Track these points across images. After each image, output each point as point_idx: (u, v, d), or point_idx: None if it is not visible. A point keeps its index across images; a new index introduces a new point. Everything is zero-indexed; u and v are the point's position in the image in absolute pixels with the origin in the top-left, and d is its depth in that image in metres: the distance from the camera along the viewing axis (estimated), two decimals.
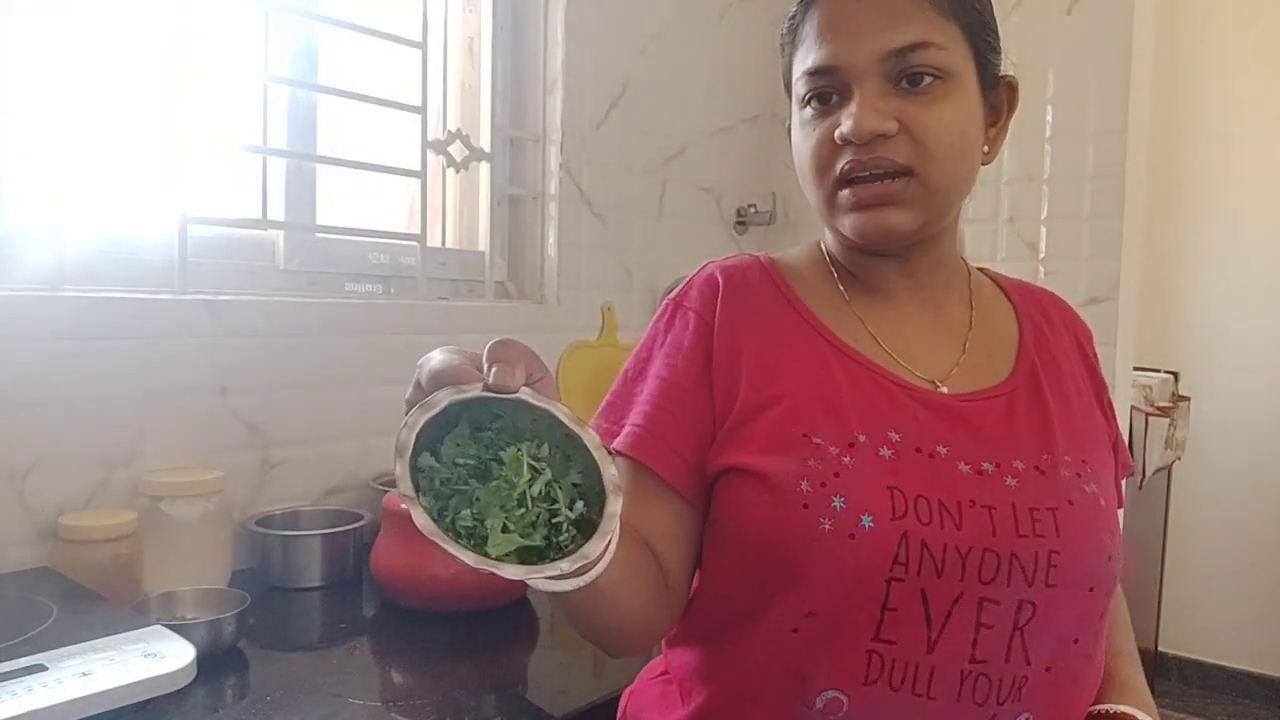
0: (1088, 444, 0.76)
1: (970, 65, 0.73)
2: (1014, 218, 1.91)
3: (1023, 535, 0.68)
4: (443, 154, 1.62)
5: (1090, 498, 0.72)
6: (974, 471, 0.70)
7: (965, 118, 0.73)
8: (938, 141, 0.70)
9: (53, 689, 0.76)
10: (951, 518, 0.67)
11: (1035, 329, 0.83)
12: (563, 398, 1.95)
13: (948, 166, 0.72)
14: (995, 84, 0.76)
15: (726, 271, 0.81)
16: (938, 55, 0.70)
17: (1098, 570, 0.71)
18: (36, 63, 1.15)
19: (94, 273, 1.21)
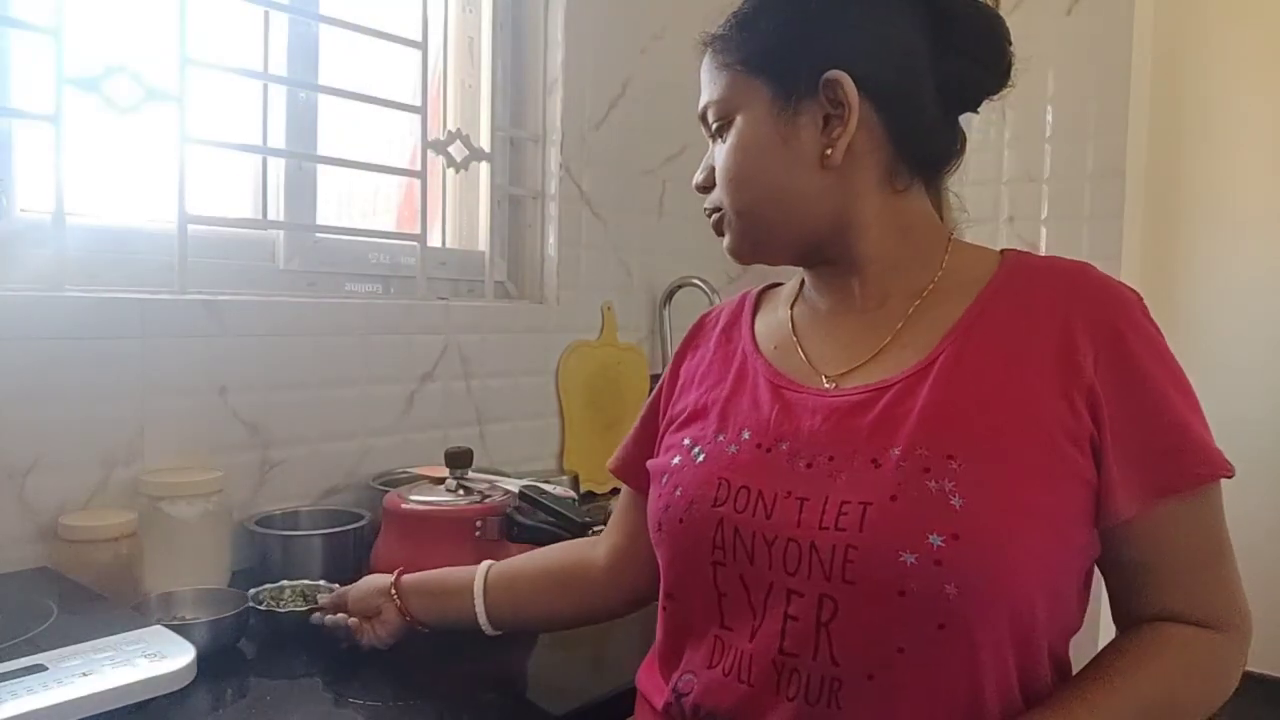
0: (968, 437, 0.68)
1: (760, 93, 0.77)
2: (1014, 217, 1.91)
3: (824, 527, 0.68)
4: (443, 154, 1.62)
5: (931, 495, 0.65)
6: (805, 465, 0.72)
7: (747, 147, 0.78)
8: (723, 176, 0.81)
9: (53, 689, 0.76)
10: (765, 507, 0.72)
11: (984, 315, 0.74)
12: (562, 398, 1.95)
13: (738, 195, 0.80)
14: (809, 93, 0.75)
15: (708, 312, 0.96)
16: (718, 108, 0.81)
17: (912, 574, 0.64)
18: (37, 62, 1.15)
19: (94, 273, 1.21)
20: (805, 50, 0.76)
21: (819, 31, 0.76)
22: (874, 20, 0.76)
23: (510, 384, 1.67)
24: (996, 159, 1.93)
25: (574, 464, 1.76)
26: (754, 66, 0.77)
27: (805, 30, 0.76)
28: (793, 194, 0.78)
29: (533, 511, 1.18)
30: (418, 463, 1.42)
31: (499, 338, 1.64)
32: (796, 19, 0.77)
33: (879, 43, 0.76)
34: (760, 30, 0.78)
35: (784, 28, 0.77)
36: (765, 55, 0.77)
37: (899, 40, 0.76)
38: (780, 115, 0.76)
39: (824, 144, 0.75)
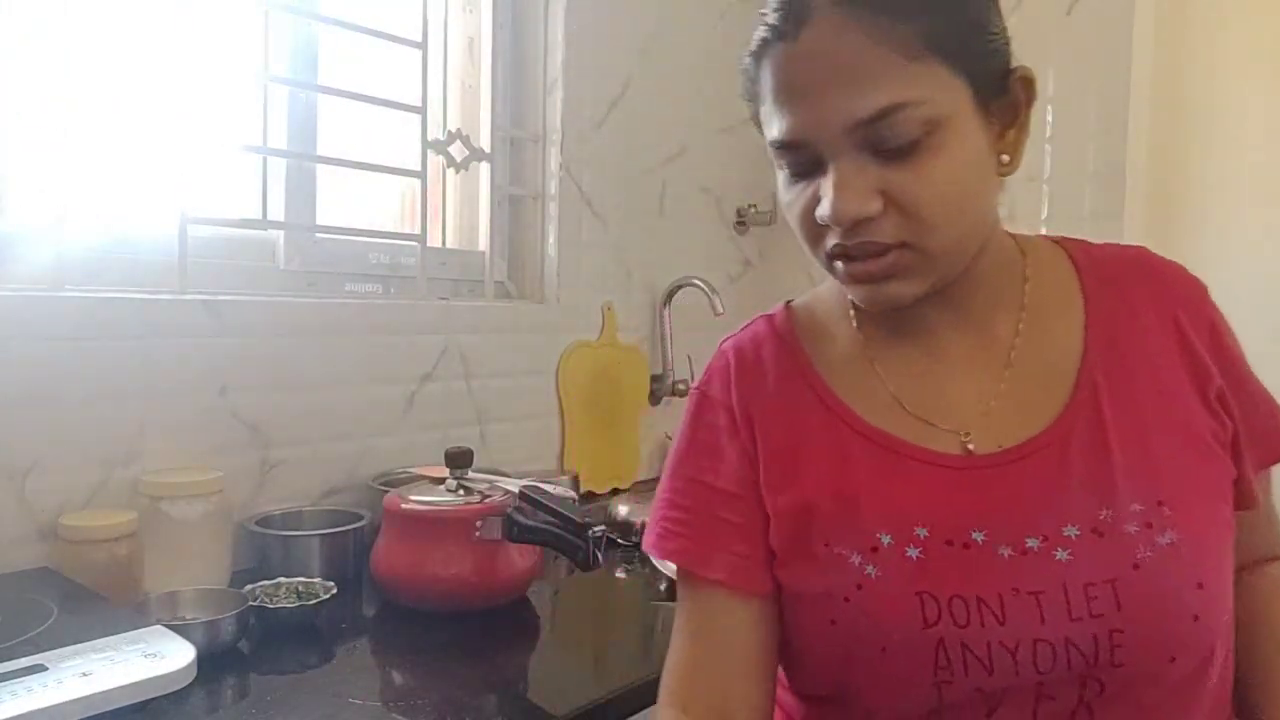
0: (1166, 475, 0.64)
1: (963, 95, 0.62)
2: (1014, 217, 1.90)
3: (1076, 619, 0.61)
4: (443, 154, 1.62)
5: (1165, 551, 0.62)
6: (1017, 553, 0.63)
7: (963, 164, 0.62)
8: (932, 208, 0.61)
9: (53, 689, 0.76)
10: (993, 613, 0.62)
11: (1108, 327, 0.69)
12: (562, 398, 1.95)
13: (949, 228, 0.63)
14: (1002, 89, 0.65)
15: (738, 348, 0.78)
16: (915, 112, 0.60)
17: (1176, 637, 0.61)
18: (37, 63, 1.15)
19: (94, 273, 1.21)
20: (998, 40, 0.64)
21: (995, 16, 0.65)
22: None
23: (510, 384, 1.67)
24: None
25: (574, 464, 1.76)
26: (959, 59, 0.61)
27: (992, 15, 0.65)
28: (986, 217, 0.68)
29: (533, 512, 1.18)
30: (418, 463, 1.42)
31: (499, 338, 1.64)
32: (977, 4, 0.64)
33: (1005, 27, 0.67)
34: (954, 12, 0.62)
35: (979, 10, 0.64)
36: (970, 45, 0.62)
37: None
38: (983, 123, 0.63)
39: (999, 149, 0.65)
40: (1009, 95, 0.65)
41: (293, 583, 1.12)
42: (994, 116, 0.64)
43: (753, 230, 2.20)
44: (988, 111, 0.63)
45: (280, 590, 1.11)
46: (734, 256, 2.18)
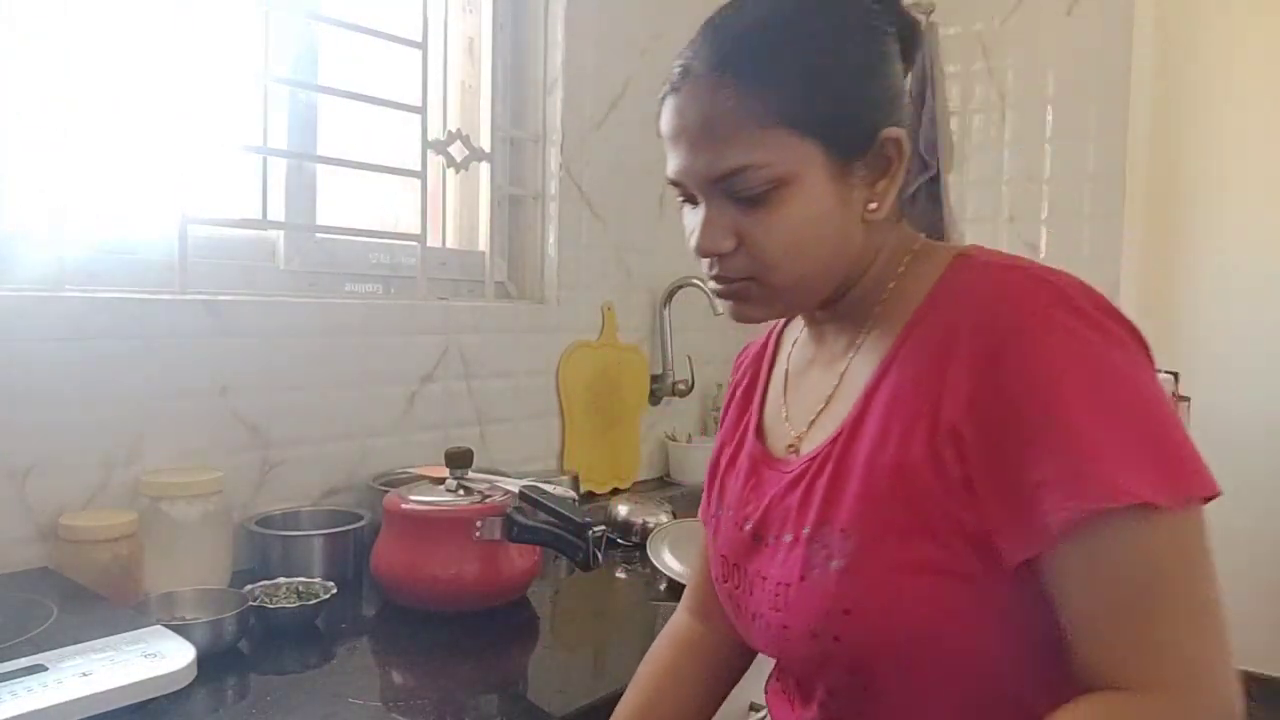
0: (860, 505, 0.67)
1: (815, 157, 0.68)
2: (1014, 218, 1.91)
3: (771, 609, 0.73)
4: (443, 154, 1.62)
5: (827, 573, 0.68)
6: (763, 544, 0.76)
7: (806, 218, 0.69)
8: (773, 252, 0.70)
9: (53, 689, 0.76)
10: (747, 587, 0.77)
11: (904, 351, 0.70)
12: (562, 398, 1.95)
13: (790, 269, 0.71)
14: (864, 150, 0.70)
15: (742, 354, 0.95)
16: (761, 173, 0.67)
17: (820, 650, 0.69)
18: (37, 63, 1.15)
19: (94, 273, 1.21)
20: (862, 108, 0.70)
21: (869, 85, 0.71)
22: (891, 61, 0.73)
23: (510, 384, 1.67)
24: (997, 159, 1.93)
25: (574, 464, 1.76)
26: (810, 127, 0.68)
27: (858, 85, 0.70)
28: (840, 257, 0.72)
29: (533, 512, 1.18)
30: (418, 463, 1.42)
31: (499, 338, 1.64)
32: (846, 71, 0.70)
33: (899, 86, 0.74)
34: (809, 85, 0.68)
35: (839, 83, 0.69)
36: (819, 114, 0.68)
37: (900, 76, 0.74)
38: (838, 178, 0.69)
39: (868, 197, 0.71)
40: (877, 153, 0.71)
41: (293, 583, 1.12)
42: (859, 172, 0.71)
43: None
44: (848, 169, 0.70)
45: (280, 590, 1.11)
46: None
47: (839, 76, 0.69)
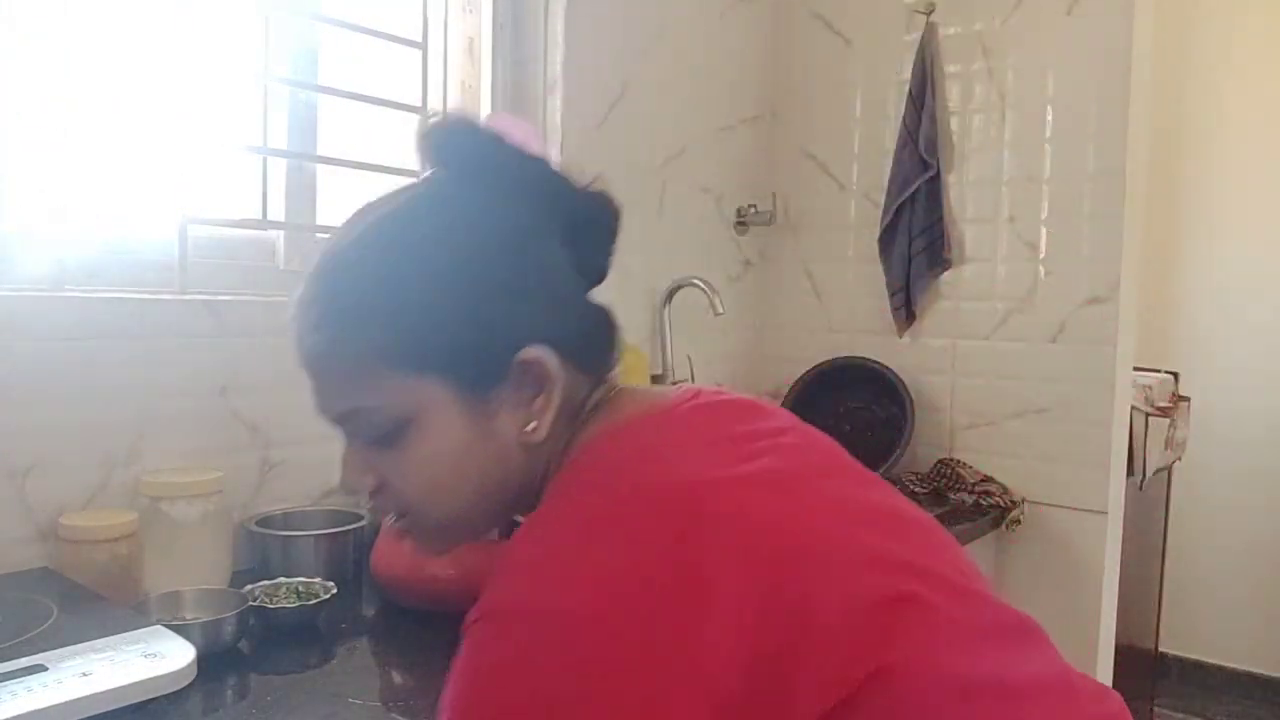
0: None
1: (439, 393, 0.63)
2: (1014, 218, 1.91)
3: None
4: None
5: None
6: None
7: (440, 453, 0.65)
8: (414, 491, 0.66)
9: (53, 689, 0.76)
10: None
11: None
12: None
13: (440, 505, 0.67)
14: (499, 378, 0.65)
15: None
16: (375, 415, 0.64)
17: None
18: (37, 63, 1.15)
19: (94, 273, 1.21)
20: (487, 337, 0.64)
21: (496, 311, 0.64)
22: (537, 268, 0.66)
23: None
24: (996, 159, 1.93)
25: None
26: (425, 366, 0.63)
27: (480, 315, 0.64)
28: (498, 484, 0.67)
29: None
30: None
31: None
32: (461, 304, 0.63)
33: (551, 292, 0.67)
34: (416, 326, 0.63)
35: (447, 315, 0.63)
36: (432, 352, 0.63)
37: (560, 275, 0.68)
38: (474, 410, 0.64)
39: (524, 419, 0.66)
40: (518, 377, 0.65)
41: (293, 583, 1.12)
42: (502, 399, 0.65)
43: (753, 230, 2.20)
44: (485, 399, 0.65)
45: (280, 590, 1.11)
46: (734, 256, 2.18)
47: (450, 311, 0.63)
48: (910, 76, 1.99)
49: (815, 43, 2.17)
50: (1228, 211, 3.10)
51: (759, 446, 0.65)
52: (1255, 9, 3.03)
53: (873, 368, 2.05)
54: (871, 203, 2.07)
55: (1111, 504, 1.84)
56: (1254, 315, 3.05)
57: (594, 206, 0.72)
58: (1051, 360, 1.87)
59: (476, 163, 0.68)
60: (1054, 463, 1.87)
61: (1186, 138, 3.13)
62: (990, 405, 1.95)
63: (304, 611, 1.07)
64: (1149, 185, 2.03)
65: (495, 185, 0.68)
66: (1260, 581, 3.03)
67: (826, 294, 2.16)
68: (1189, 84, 3.11)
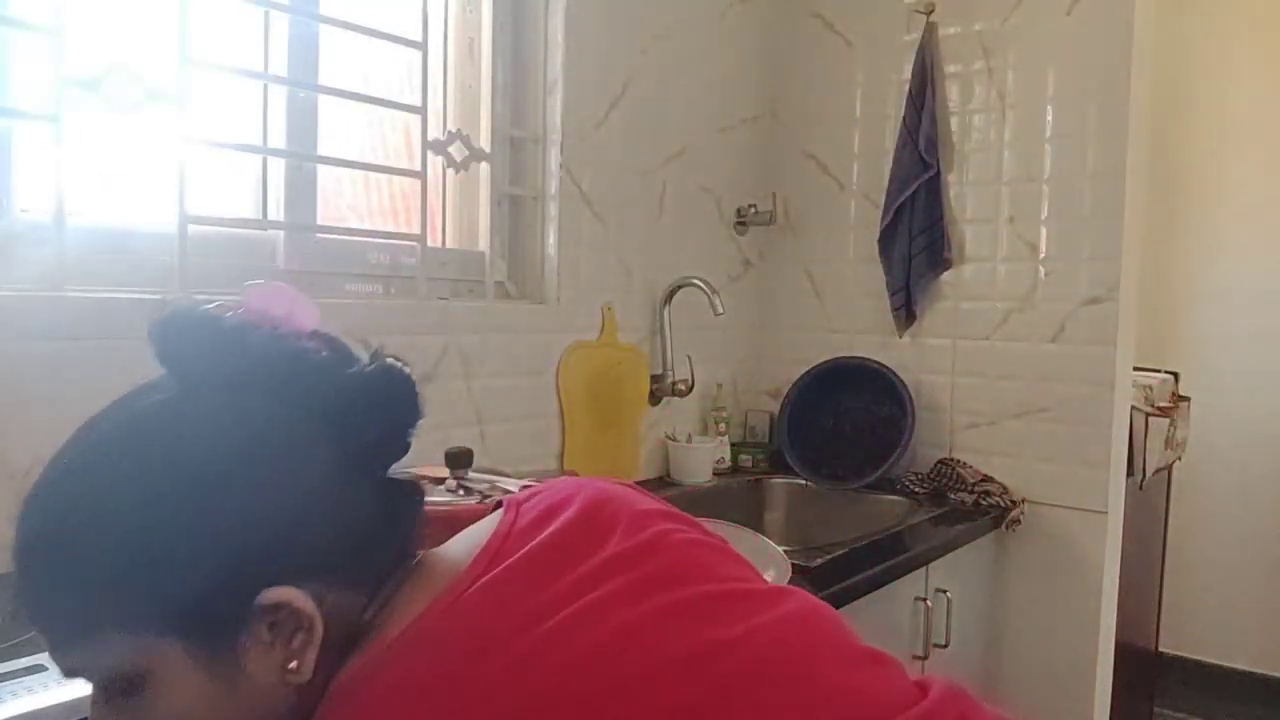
0: None
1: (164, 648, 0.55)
2: (1014, 218, 1.91)
3: None
4: (443, 154, 1.62)
5: None
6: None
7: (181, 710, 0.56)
8: None
9: (53, 689, 0.76)
10: None
11: None
12: (562, 398, 1.94)
13: None
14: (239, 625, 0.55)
15: None
16: (96, 675, 0.56)
17: None
18: (37, 63, 1.15)
19: (94, 273, 1.21)
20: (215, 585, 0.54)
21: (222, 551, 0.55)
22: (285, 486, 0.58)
23: (510, 384, 1.67)
24: (996, 159, 1.93)
25: (574, 464, 1.76)
26: (142, 628, 0.54)
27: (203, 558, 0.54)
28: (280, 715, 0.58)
29: None
30: (418, 463, 1.42)
31: (499, 338, 1.64)
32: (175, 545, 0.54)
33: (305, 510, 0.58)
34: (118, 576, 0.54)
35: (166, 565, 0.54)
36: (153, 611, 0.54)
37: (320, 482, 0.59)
38: (213, 664, 0.55)
39: (284, 657, 0.56)
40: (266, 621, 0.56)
41: None
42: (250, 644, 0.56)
43: (753, 230, 2.20)
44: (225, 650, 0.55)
45: None
46: (734, 256, 2.18)
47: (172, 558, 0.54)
48: (910, 76, 1.99)
49: (815, 43, 2.17)
50: (1228, 211, 3.10)
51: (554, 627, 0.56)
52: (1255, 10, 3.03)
53: (873, 368, 2.05)
54: (871, 203, 2.07)
55: (1111, 504, 1.84)
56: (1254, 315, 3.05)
57: (374, 386, 0.64)
58: (1051, 360, 1.87)
59: (213, 364, 0.60)
60: (1054, 463, 1.87)
61: (1186, 138, 3.13)
62: (990, 405, 1.95)
63: None
64: (1149, 185, 2.03)
65: (238, 388, 0.59)
66: (1260, 581, 3.03)
67: (826, 294, 2.16)
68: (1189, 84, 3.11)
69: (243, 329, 0.61)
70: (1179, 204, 3.15)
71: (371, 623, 0.60)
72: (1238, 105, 3.07)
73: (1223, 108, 3.09)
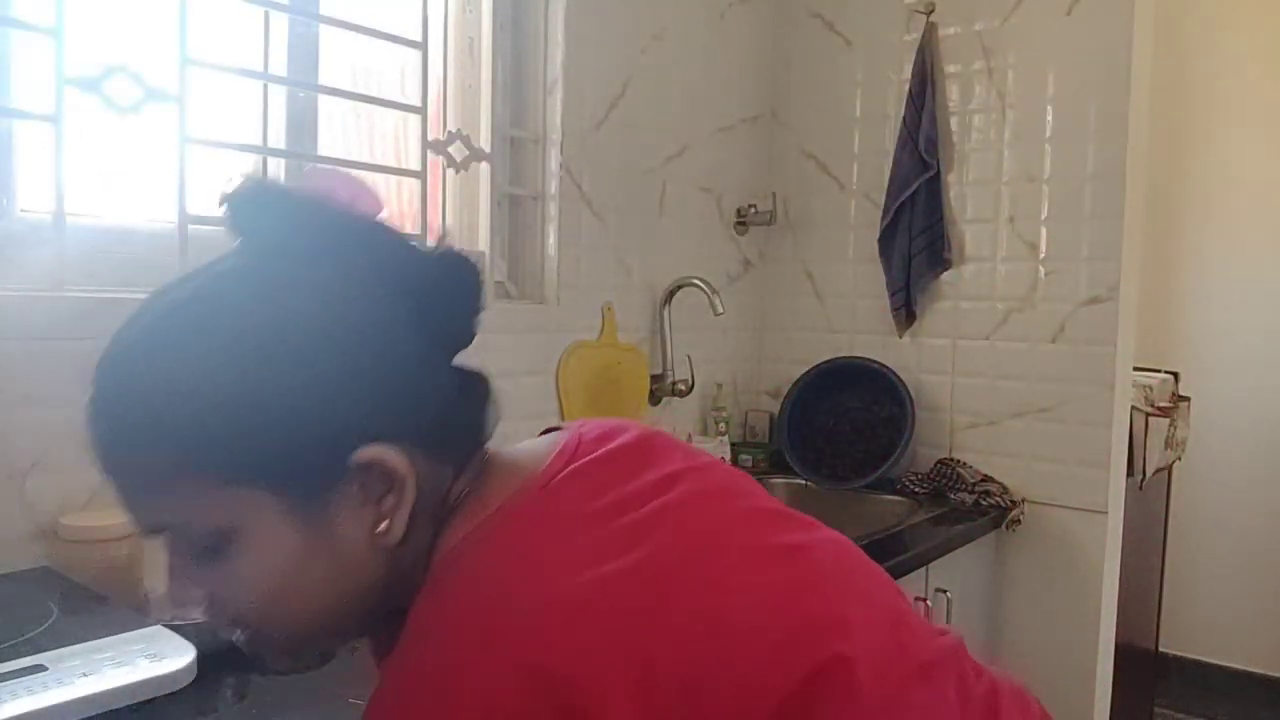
0: None
1: (259, 503, 0.56)
2: (1014, 218, 1.91)
3: None
4: (443, 154, 1.62)
5: None
6: None
7: (271, 572, 0.57)
8: (243, 610, 0.59)
9: (53, 689, 0.76)
10: None
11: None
12: (562, 398, 1.94)
13: (274, 622, 0.59)
14: (333, 482, 0.57)
15: None
16: (186, 530, 0.57)
17: None
18: (36, 63, 1.15)
19: (94, 273, 1.21)
20: (311, 439, 0.56)
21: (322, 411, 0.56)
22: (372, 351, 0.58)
23: (510, 384, 1.66)
24: (996, 159, 1.93)
25: None
26: (238, 475, 0.55)
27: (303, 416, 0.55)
28: (355, 593, 0.60)
29: None
30: None
31: (499, 338, 1.64)
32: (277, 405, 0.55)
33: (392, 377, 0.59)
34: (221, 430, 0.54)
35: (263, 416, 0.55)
36: (249, 459, 0.55)
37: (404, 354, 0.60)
38: (304, 521, 0.57)
39: (374, 519, 0.58)
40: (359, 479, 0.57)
41: None
42: (341, 503, 0.57)
43: (753, 230, 2.20)
44: (319, 506, 0.57)
45: None
46: (734, 256, 2.18)
47: (269, 410, 0.55)
48: (910, 76, 1.99)
49: (815, 43, 2.17)
50: (1228, 211, 3.10)
51: (645, 516, 0.60)
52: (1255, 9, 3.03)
53: (873, 368, 2.05)
54: (871, 203, 2.07)
55: (1111, 504, 1.84)
56: (1254, 315, 3.05)
57: (443, 268, 0.65)
58: (1051, 360, 1.87)
59: (288, 233, 0.60)
60: (1054, 463, 1.87)
61: (1186, 138, 3.13)
62: (990, 405, 1.95)
63: None
64: (1149, 185, 2.03)
65: (314, 257, 0.59)
66: (1260, 581, 3.03)
67: (826, 294, 2.16)
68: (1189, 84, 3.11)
69: (318, 201, 0.62)
70: (1179, 204, 3.15)
71: (464, 498, 0.62)
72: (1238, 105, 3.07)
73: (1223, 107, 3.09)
